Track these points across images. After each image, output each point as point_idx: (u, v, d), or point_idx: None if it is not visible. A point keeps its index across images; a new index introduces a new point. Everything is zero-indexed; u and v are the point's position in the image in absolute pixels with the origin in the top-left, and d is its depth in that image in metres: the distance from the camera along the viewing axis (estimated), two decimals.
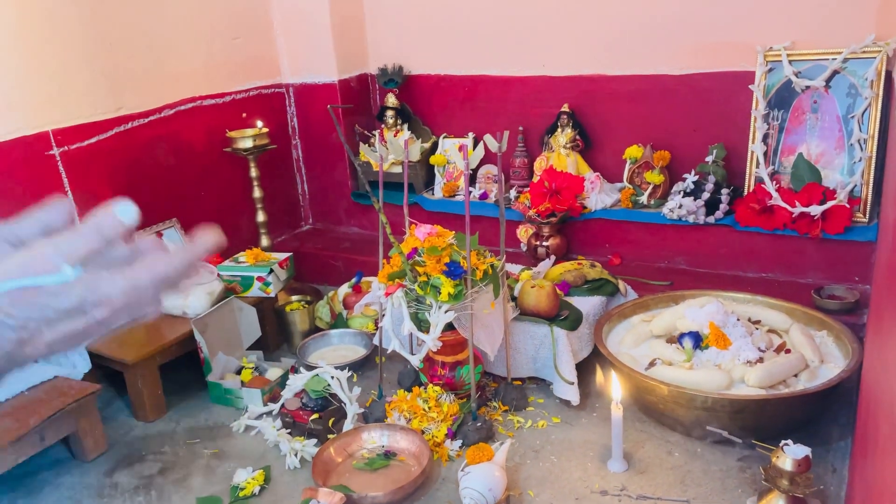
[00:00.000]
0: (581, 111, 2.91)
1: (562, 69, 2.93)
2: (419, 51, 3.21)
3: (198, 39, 2.90)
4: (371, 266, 2.91)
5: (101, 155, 2.55)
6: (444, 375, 2.13)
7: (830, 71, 2.42)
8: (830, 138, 2.48)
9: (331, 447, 1.97)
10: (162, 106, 2.77)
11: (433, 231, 2.04)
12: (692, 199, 2.61)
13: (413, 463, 1.94)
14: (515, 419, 2.15)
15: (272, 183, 3.20)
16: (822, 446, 1.89)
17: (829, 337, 2.12)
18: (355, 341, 2.63)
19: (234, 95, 3.07)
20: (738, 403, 1.83)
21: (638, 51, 2.76)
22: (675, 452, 1.95)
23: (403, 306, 2.00)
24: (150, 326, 2.38)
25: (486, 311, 2.06)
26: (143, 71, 2.69)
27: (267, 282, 2.57)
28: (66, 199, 0.74)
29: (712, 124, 2.69)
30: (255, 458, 2.05)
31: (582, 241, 2.87)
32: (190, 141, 2.90)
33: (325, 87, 3.23)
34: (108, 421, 2.27)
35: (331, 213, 3.49)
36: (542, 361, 2.23)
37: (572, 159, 2.89)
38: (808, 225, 2.42)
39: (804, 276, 2.51)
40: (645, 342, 2.22)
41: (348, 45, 3.24)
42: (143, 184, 2.72)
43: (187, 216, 2.88)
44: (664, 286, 2.55)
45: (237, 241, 3.04)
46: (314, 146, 3.38)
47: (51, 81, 2.38)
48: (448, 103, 3.22)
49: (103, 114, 2.56)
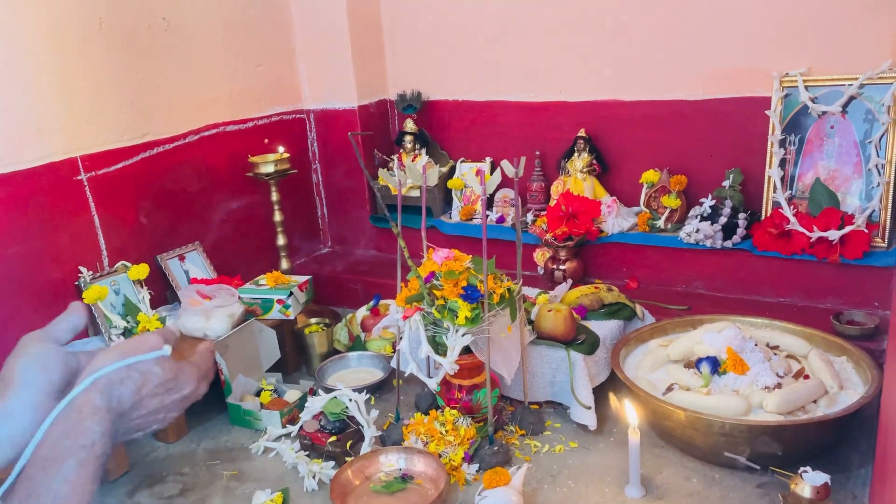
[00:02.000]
0: (598, 136, 2.93)
1: (578, 94, 2.96)
2: (437, 77, 3.26)
3: (223, 68, 2.97)
4: (389, 289, 2.94)
5: (127, 180, 2.62)
6: (461, 399, 2.14)
7: (847, 97, 2.43)
8: (848, 163, 2.48)
9: (348, 469, 1.98)
10: (186, 132, 2.84)
11: (451, 255, 2.06)
12: (709, 224, 2.61)
13: (430, 486, 1.94)
14: (532, 443, 2.15)
15: (293, 207, 3.25)
16: (841, 473, 1.87)
17: (848, 363, 2.11)
18: (373, 364, 2.65)
19: (256, 121, 3.14)
20: (757, 429, 1.82)
21: (654, 76, 2.79)
22: (693, 478, 1.94)
23: (421, 329, 2.02)
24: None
25: (503, 335, 2.07)
26: (168, 98, 2.76)
27: (287, 304, 2.60)
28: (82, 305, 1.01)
29: (729, 149, 2.71)
30: (273, 480, 2.07)
31: (599, 265, 2.88)
32: (213, 166, 2.96)
33: (344, 112, 3.29)
34: (130, 442, 2.30)
35: (349, 236, 3.53)
36: (559, 385, 2.24)
37: (589, 183, 2.91)
38: (827, 250, 2.42)
39: (823, 302, 2.50)
40: (662, 367, 2.22)
41: (368, 72, 3.30)
42: (167, 208, 2.78)
43: (209, 239, 2.93)
44: (681, 311, 2.55)
45: (258, 264, 3.09)
46: (334, 171, 3.44)
47: (80, 109, 2.45)
48: (465, 128, 3.27)
49: (130, 140, 2.62)
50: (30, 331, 0.96)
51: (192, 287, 2.57)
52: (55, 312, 2.48)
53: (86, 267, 2.47)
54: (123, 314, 2.48)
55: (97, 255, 2.53)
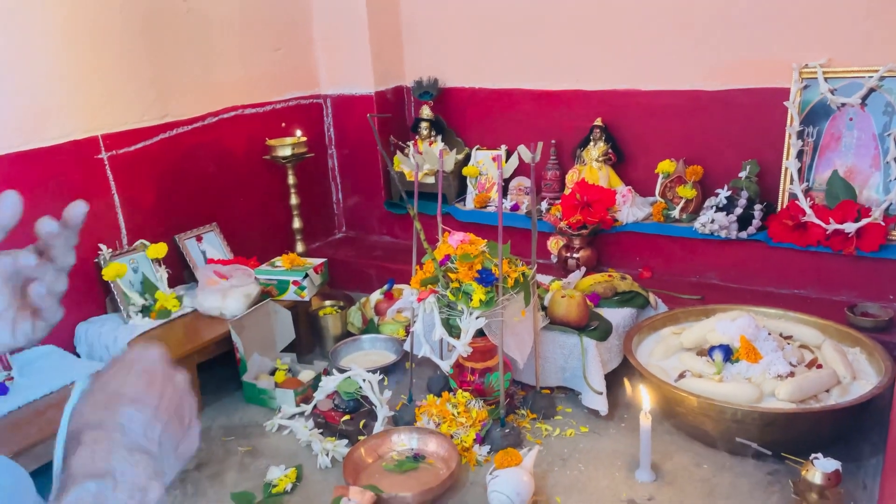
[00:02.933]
0: (614, 125, 2.93)
1: (595, 83, 2.96)
2: (454, 64, 3.27)
3: (241, 51, 2.99)
4: (402, 274, 2.96)
5: (146, 160, 2.65)
6: (473, 382, 2.16)
7: (867, 89, 2.41)
8: (866, 156, 2.47)
9: (361, 448, 2.01)
10: (205, 114, 2.86)
11: (466, 238, 2.08)
12: (724, 215, 2.61)
13: (441, 466, 1.96)
14: (543, 427, 2.17)
15: (308, 191, 3.27)
16: (853, 463, 1.87)
17: (861, 354, 2.11)
18: (386, 347, 2.67)
19: (274, 105, 3.16)
20: (768, 416, 1.82)
21: (672, 66, 2.78)
22: (703, 465, 1.95)
23: (435, 312, 2.04)
24: (188, 326, 2.45)
25: (516, 319, 2.09)
26: (188, 80, 2.78)
27: (302, 286, 2.63)
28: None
29: (746, 140, 2.70)
30: (287, 457, 2.10)
31: (612, 254, 2.89)
32: (231, 148, 2.99)
33: (361, 98, 3.30)
34: None
35: (364, 221, 3.55)
36: (571, 371, 2.25)
37: (604, 173, 2.91)
38: (843, 242, 2.41)
39: (837, 294, 2.50)
40: (675, 354, 2.23)
41: (385, 59, 3.31)
42: (185, 189, 2.81)
43: (226, 220, 2.96)
44: (695, 300, 2.55)
45: (273, 247, 3.12)
46: (349, 156, 3.46)
47: (102, 89, 2.48)
48: (481, 116, 3.27)
49: (150, 120, 2.65)
50: None
51: (210, 267, 2.59)
52: (74, 289, 2.51)
53: (105, 245, 2.51)
54: (142, 292, 2.51)
55: (116, 233, 2.57)
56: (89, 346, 2.42)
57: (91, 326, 2.43)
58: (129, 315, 2.44)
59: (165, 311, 2.48)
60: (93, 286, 2.49)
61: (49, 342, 2.36)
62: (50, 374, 2.16)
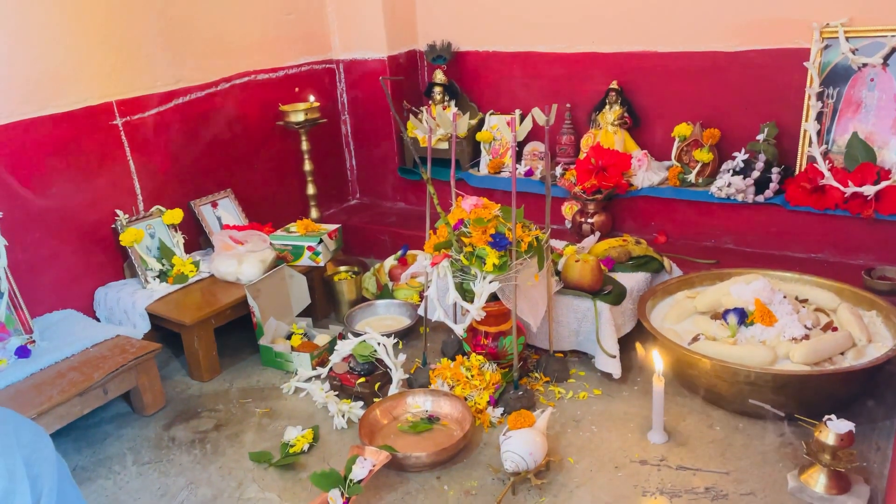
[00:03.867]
0: (630, 88, 2.90)
1: (611, 45, 2.92)
2: (467, 27, 3.23)
3: (253, 15, 2.97)
4: (416, 240, 2.97)
5: (160, 126, 2.65)
6: (487, 345, 2.18)
7: (889, 48, 2.36)
8: (887, 118, 2.43)
9: (377, 409, 2.04)
10: (218, 80, 2.86)
11: (479, 203, 2.07)
12: (741, 178, 2.58)
13: (455, 427, 1.99)
14: (557, 390, 2.18)
15: (322, 157, 3.27)
16: (866, 424, 1.88)
17: (878, 317, 2.09)
18: (400, 311, 2.69)
19: (286, 70, 3.14)
20: (781, 378, 1.83)
21: (689, 27, 2.73)
22: (716, 426, 1.96)
23: (449, 276, 2.05)
24: (205, 290, 2.48)
25: (529, 283, 2.09)
26: (201, 46, 2.77)
27: (317, 251, 2.64)
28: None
29: (764, 102, 2.66)
30: (304, 418, 2.14)
31: (627, 219, 2.87)
32: (244, 114, 2.98)
33: (374, 62, 3.28)
34: (166, 379, 2.38)
35: (378, 188, 3.55)
36: (584, 335, 2.26)
37: (620, 137, 2.88)
38: (861, 205, 2.38)
39: (855, 257, 2.47)
40: (689, 318, 2.23)
41: (398, 22, 3.27)
42: (200, 155, 2.82)
43: (241, 187, 2.97)
44: (710, 264, 2.54)
45: (288, 212, 3.14)
46: (362, 122, 3.44)
47: (115, 54, 2.48)
48: (495, 80, 3.24)
49: (163, 86, 2.65)
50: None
51: (225, 232, 2.61)
52: (93, 254, 2.55)
53: (122, 210, 2.53)
54: (159, 257, 2.54)
55: (133, 199, 2.59)
56: (108, 310, 2.46)
57: (110, 291, 2.47)
58: (146, 280, 2.47)
59: (182, 276, 2.51)
60: (111, 251, 2.52)
61: (69, 306, 2.41)
62: (70, 337, 2.20)
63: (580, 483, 1.79)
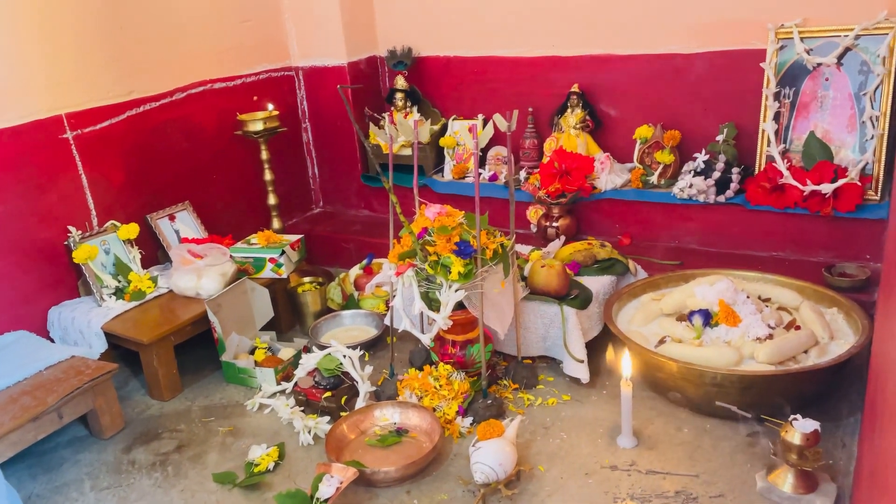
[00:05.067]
0: (591, 91, 2.90)
1: (572, 49, 2.92)
2: (428, 32, 3.20)
3: (208, 23, 2.91)
4: (381, 248, 2.93)
5: (113, 138, 2.58)
6: (454, 354, 2.15)
7: (842, 48, 2.40)
8: (842, 116, 2.46)
9: (343, 424, 2.00)
10: (173, 89, 2.79)
11: (443, 211, 2.05)
12: (702, 179, 2.60)
13: (424, 439, 1.96)
14: (526, 397, 2.17)
15: (283, 166, 3.22)
16: (831, 422, 1.89)
17: (839, 314, 2.12)
18: (366, 322, 2.65)
19: (244, 79, 3.08)
20: (747, 379, 1.83)
21: (648, 30, 2.75)
22: (684, 429, 1.96)
23: (414, 286, 2.02)
24: (164, 307, 2.41)
25: (496, 290, 2.07)
26: (153, 55, 2.70)
27: (279, 263, 2.59)
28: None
29: (723, 103, 2.68)
30: (269, 436, 2.09)
31: (592, 222, 2.87)
32: (201, 124, 2.92)
33: (334, 69, 3.23)
34: (125, 400, 2.31)
35: (341, 195, 3.50)
36: (552, 340, 2.25)
37: (582, 140, 2.89)
38: (820, 203, 2.42)
39: (815, 255, 2.51)
40: (655, 320, 2.23)
41: (357, 28, 3.24)
42: (156, 167, 2.75)
43: (199, 199, 2.90)
44: (674, 266, 2.55)
45: (249, 224, 3.07)
46: (324, 129, 3.40)
47: (63, 67, 2.40)
48: (457, 85, 3.22)
49: (115, 97, 2.58)
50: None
51: (183, 246, 2.55)
52: (45, 273, 2.46)
53: (75, 227, 2.45)
54: (115, 274, 2.46)
55: (86, 214, 2.51)
56: (63, 330, 2.38)
57: (64, 310, 2.38)
58: (102, 298, 2.40)
59: (140, 292, 2.44)
60: (64, 269, 2.44)
61: (21, 327, 2.32)
62: (22, 360, 2.12)
63: (551, 492, 1.77)
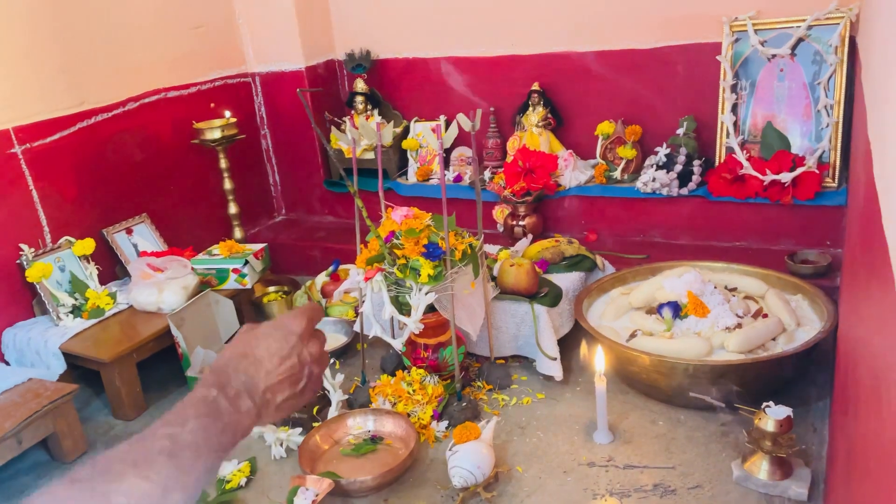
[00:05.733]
0: (551, 89, 2.91)
1: (531, 47, 2.92)
2: (386, 34, 3.18)
3: (159, 29, 2.83)
4: (347, 254, 2.89)
5: (65, 152, 2.49)
6: (427, 358, 2.13)
7: (795, 39, 2.44)
8: (798, 105, 2.51)
9: (316, 435, 1.96)
10: (125, 99, 2.71)
11: (410, 213, 2.02)
12: (665, 172, 2.63)
13: (400, 446, 1.93)
14: (500, 397, 2.15)
15: (243, 174, 3.15)
16: (801, 407, 1.92)
17: (804, 300, 2.15)
18: (335, 329, 2.61)
19: (199, 86, 3.01)
20: (719, 369, 1.85)
21: (606, 26, 2.76)
22: (658, 421, 1.97)
23: (383, 290, 1.99)
24: (124, 323, 2.34)
25: (466, 292, 2.05)
26: (104, 64, 2.62)
27: (243, 273, 2.54)
28: None
29: (682, 97, 2.71)
30: (239, 450, 2.03)
31: (558, 219, 2.88)
32: (156, 134, 2.84)
33: (291, 74, 3.19)
34: (87, 421, 2.23)
35: (304, 202, 3.45)
36: (524, 339, 2.24)
37: (545, 138, 2.89)
38: (780, 192, 2.45)
39: (777, 243, 2.55)
40: (625, 314, 2.24)
41: (314, 31, 3.19)
42: (111, 180, 2.67)
43: (157, 211, 2.83)
44: (641, 259, 2.57)
45: (210, 235, 3.00)
46: (283, 135, 3.34)
47: (9, 80, 2.31)
48: (417, 87, 3.20)
49: (65, 109, 2.49)
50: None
51: (143, 260, 2.48)
52: None
53: (27, 244, 2.36)
54: (71, 291, 2.38)
55: (38, 231, 2.42)
56: (18, 352, 2.29)
57: (19, 332, 2.29)
58: (59, 317, 2.31)
59: (98, 309, 2.36)
60: (17, 289, 2.35)
61: None
62: None
63: (530, 492, 1.76)
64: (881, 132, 1.08)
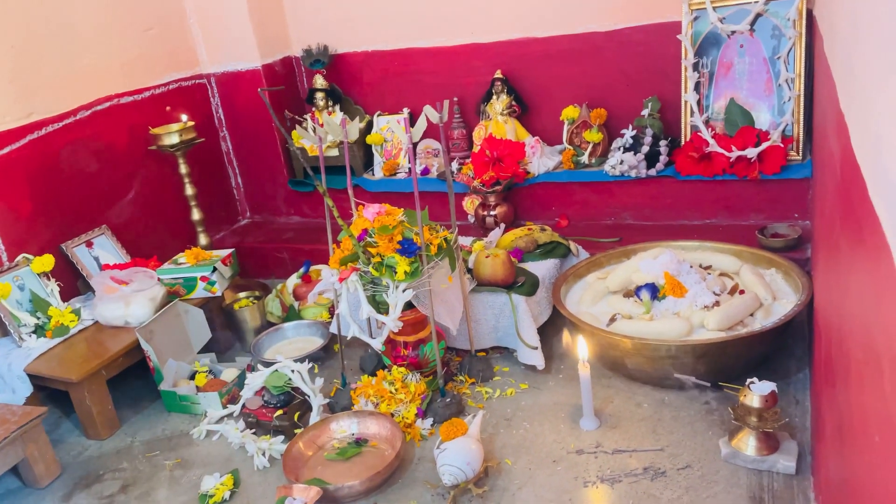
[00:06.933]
0: (515, 76, 2.88)
1: (491, 35, 2.89)
2: (344, 28, 3.11)
3: (108, 34, 2.73)
4: (317, 254, 2.84)
5: (16, 165, 2.39)
6: (407, 355, 2.09)
7: (754, 14, 2.45)
8: (759, 81, 2.52)
9: (299, 442, 1.91)
10: (76, 108, 2.61)
11: (382, 210, 1.98)
12: (632, 154, 2.62)
13: (386, 447, 1.90)
14: (484, 390, 2.13)
15: (204, 179, 3.06)
16: (782, 380, 1.93)
17: (778, 274, 2.17)
18: (311, 332, 2.56)
19: (153, 90, 2.92)
20: (701, 348, 1.85)
21: (566, 10, 2.74)
22: (643, 404, 1.97)
23: (359, 290, 1.95)
24: (91, 340, 2.26)
25: (443, 286, 2.02)
26: (51, 72, 2.52)
27: (211, 281, 2.47)
28: None
29: (645, 78, 2.71)
30: (220, 463, 1.98)
31: (529, 207, 2.86)
32: (111, 142, 2.74)
33: (248, 73, 3.11)
34: (59, 443, 2.15)
35: (268, 203, 3.38)
36: (503, 330, 2.22)
37: (511, 126, 2.86)
38: (746, 168, 2.47)
39: (747, 218, 2.57)
40: (603, 299, 2.23)
41: (268, 28, 3.11)
42: (66, 192, 2.57)
43: (118, 221, 2.74)
44: (614, 242, 2.57)
45: (174, 243, 2.91)
46: (244, 137, 3.26)
47: None
48: (378, 80, 3.15)
49: (14, 121, 2.39)
50: None
51: (106, 273, 2.39)
52: None
53: None
54: (32, 310, 2.28)
55: None
56: None
57: None
58: (21, 338, 2.22)
59: (63, 327, 2.27)
60: None
61: None
62: None
63: (521, 484, 1.74)
64: (860, 104, 1.07)
